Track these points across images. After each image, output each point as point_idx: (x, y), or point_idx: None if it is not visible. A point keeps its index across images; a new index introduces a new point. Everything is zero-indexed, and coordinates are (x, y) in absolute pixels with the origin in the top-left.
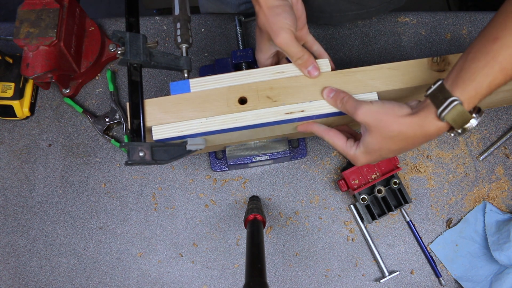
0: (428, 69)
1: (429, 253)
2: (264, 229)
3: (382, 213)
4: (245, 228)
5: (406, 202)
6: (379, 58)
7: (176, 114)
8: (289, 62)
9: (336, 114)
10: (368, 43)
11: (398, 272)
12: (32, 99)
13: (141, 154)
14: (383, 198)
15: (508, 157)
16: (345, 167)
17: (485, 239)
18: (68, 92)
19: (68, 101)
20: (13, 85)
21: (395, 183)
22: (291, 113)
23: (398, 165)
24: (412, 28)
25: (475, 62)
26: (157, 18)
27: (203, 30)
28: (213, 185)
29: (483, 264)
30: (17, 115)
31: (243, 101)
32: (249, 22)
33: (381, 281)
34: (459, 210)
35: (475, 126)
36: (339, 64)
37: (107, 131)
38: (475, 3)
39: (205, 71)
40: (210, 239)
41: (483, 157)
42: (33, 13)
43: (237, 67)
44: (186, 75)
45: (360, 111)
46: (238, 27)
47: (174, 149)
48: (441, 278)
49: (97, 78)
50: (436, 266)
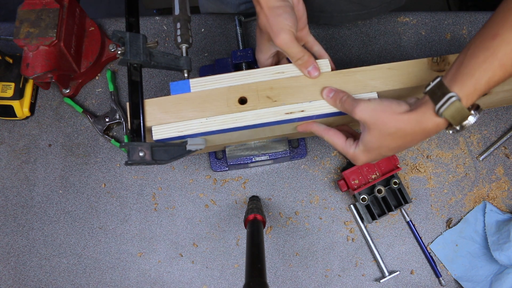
0: (428, 69)
1: (429, 253)
2: (264, 229)
3: (382, 213)
4: (245, 228)
5: (406, 202)
6: (379, 58)
7: (176, 114)
8: (289, 62)
9: (336, 114)
10: (368, 43)
11: (398, 272)
12: (32, 99)
13: (141, 154)
14: (383, 198)
15: (508, 157)
16: (345, 167)
17: (485, 239)
18: (68, 92)
19: (68, 101)
20: (13, 85)
21: (395, 183)
22: (291, 113)
23: (398, 165)
24: (412, 28)
25: (474, 58)
26: (157, 18)
27: (203, 30)
28: (213, 185)
29: (483, 264)
30: (17, 115)
31: (243, 101)
32: (249, 22)
33: (381, 281)
34: (459, 210)
35: (473, 123)
36: (339, 64)
37: (107, 131)
38: (475, 3)
39: (205, 71)
40: (210, 239)
41: (483, 157)
42: (33, 13)
43: (237, 67)
44: (186, 75)
45: (357, 109)
46: (238, 27)
47: (174, 149)
48: (441, 278)
49: (97, 78)
50: (436, 266)
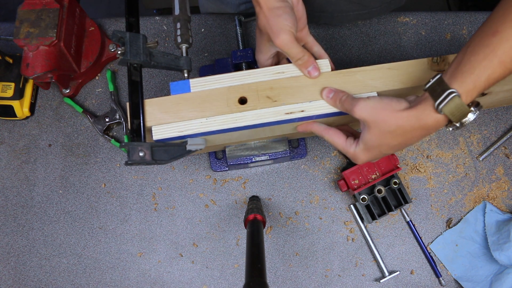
0: (428, 69)
1: (429, 253)
2: (264, 229)
3: (382, 213)
4: (245, 228)
5: (406, 202)
6: (379, 58)
7: (176, 114)
8: (289, 62)
9: (336, 114)
10: (368, 43)
11: (398, 272)
12: (32, 99)
13: (141, 154)
14: (383, 198)
15: (508, 157)
16: (345, 167)
17: (485, 239)
18: (68, 92)
19: (68, 101)
20: (13, 85)
21: (395, 183)
22: (291, 113)
23: (398, 165)
24: (412, 28)
25: (474, 55)
26: (157, 18)
27: (203, 30)
28: (213, 185)
29: (483, 264)
30: (17, 115)
31: (243, 101)
32: (249, 22)
33: (381, 281)
34: (459, 210)
35: (472, 120)
36: (339, 64)
37: (107, 131)
38: (475, 3)
39: (205, 71)
40: (210, 239)
41: (483, 157)
42: (33, 13)
43: (237, 67)
44: (186, 75)
45: (357, 107)
46: (238, 27)
47: (174, 149)
48: (441, 278)
49: (97, 78)
50: (436, 266)
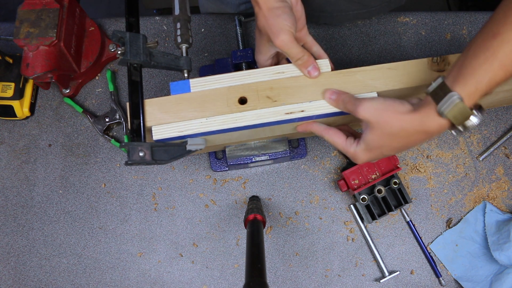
0: (428, 69)
1: (429, 253)
2: (264, 229)
3: (382, 213)
4: (245, 228)
5: (406, 202)
6: (379, 58)
7: (176, 114)
8: (289, 63)
9: (336, 114)
10: (368, 43)
11: (398, 272)
12: (32, 99)
13: (141, 154)
14: (383, 198)
15: (508, 157)
16: (345, 167)
17: (485, 239)
18: (68, 92)
19: (68, 101)
20: (13, 85)
21: (395, 183)
22: (291, 113)
23: (398, 165)
24: (412, 28)
25: (475, 58)
26: (157, 18)
27: (203, 30)
28: (213, 185)
29: (483, 264)
30: (17, 115)
31: (243, 101)
32: (249, 22)
33: (381, 281)
34: (459, 210)
35: (477, 124)
36: (339, 64)
37: (107, 131)
38: (475, 3)
39: (205, 71)
40: (210, 239)
41: (483, 157)
42: (33, 13)
43: (237, 67)
44: (186, 75)
45: (361, 108)
46: (238, 27)
47: (174, 149)
48: (441, 278)
49: (97, 78)
50: (436, 266)
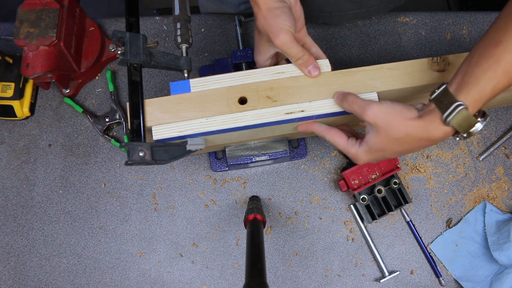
0: (428, 69)
1: (429, 253)
2: (264, 229)
3: (382, 213)
4: (245, 228)
5: (406, 202)
6: (379, 58)
7: (176, 114)
8: (288, 63)
9: (337, 114)
10: (368, 43)
11: (398, 272)
12: (32, 99)
13: (141, 154)
14: (383, 198)
15: (508, 157)
16: (345, 167)
17: (485, 239)
18: (68, 92)
19: (68, 101)
20: (13, 85)
21: (395, 183)
22: (291, 113)
23: (398, 165)
24: (412, 28)
25: (478, 66)
26: (157, 18)
27: (203, 30)
28: (213, 185)
29: (483, 264)
30: (17, 115)
31: (243, 101)
32: (249, 22)
33: (381, 281)
34: (459, 210)
35: (480, 130)
36: (339, 64)
37: (107, 131)
38: (475, 3)
39: (205, 71)
40: (210, 239)
41: (483, 157)
42: (33, 13)
43: (237, 67)
44: (186, 75)
45: (369, 111)
46: (238, 27)
47: (174, 149)
48: (441, 278)
49: (97, 78)
50: (436, 266)
